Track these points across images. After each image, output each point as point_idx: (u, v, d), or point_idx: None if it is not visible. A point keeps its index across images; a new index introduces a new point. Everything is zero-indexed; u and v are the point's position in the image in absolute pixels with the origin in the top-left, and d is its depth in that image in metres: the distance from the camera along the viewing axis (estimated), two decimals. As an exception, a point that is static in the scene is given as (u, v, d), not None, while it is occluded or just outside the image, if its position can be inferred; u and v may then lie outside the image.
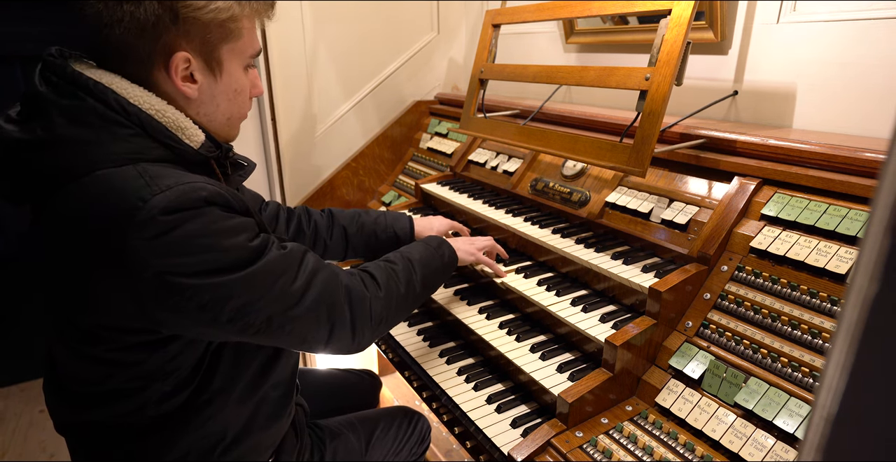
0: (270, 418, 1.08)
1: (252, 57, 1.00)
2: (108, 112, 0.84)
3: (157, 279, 0.80)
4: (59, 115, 0.83)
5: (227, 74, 0.97)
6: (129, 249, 0.78)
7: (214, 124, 1.00)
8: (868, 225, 0.26)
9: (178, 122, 0.91)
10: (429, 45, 2.57)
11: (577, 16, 1.54)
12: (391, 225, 1.53)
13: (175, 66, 0.89)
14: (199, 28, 0.89)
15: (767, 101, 1.47)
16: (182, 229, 0.80)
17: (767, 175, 1.21)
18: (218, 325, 0.87)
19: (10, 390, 2.96)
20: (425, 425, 1.54)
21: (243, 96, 1.02)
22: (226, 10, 0.90)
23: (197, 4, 0.87)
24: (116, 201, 0.79)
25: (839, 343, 0.28)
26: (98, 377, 0.92)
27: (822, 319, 1.00)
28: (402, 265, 1.18)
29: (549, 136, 1.54)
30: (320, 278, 0.97)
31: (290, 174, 2.38)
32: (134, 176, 0.81)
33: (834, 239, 1.06)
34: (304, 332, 0.95)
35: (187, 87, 0.92)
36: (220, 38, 0.92)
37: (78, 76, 0.85)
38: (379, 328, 1.08)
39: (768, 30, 1.44)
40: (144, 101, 0.88)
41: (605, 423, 1.11)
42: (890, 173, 0.25)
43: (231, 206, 0.88)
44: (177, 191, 0.81)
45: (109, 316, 0.85)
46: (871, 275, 0.26)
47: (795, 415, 0.94)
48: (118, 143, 0.84)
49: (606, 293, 1.38)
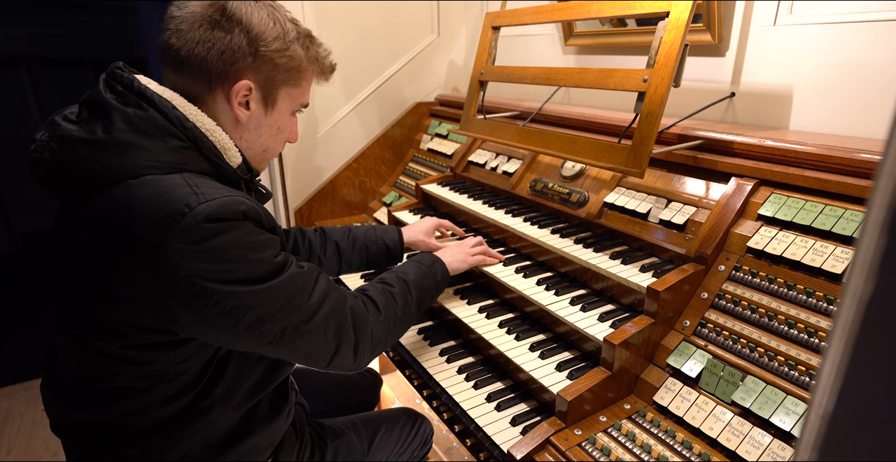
0: (268, 420, 1.10)
1: (301, 106, 1.12)
2: (166, 124, 0.91)
3: (187, 281, 0.84)
4: (121, 121, 0.89)
5: (278, 112, 1.07)
6: (167, 251, 0.82)
7: (251, 152, 1.08)
8: (864, 225, 0.26)
9: (223, 142, 0.99)
10: (429, 47, 2.58)
11: (576, 18, 1.55)
12: (381, 237, 1.59)
13: (237, 91, 0.99)
14: (270, 67, 1.00)
15: (764, 103, 1.48)
16: (220, 238, 0.85)
17: (764, 176, 1.22)
18: (236, 332, 0.90)
19: (13, 389, 2.96)
20: (428, 428, 1.55)
21: (282, 135, 1.12)
22: (297, 60, 1.03)
23: (275, 47, 0.99)
24: (163, 205, 0.84)
25: (835, 342, 0.29)
26: (106, 373, 0.93)
27: (819, 318, 1.01)
28: (399, 288, 1.23)
29: (549, 137, 1.55)
30: (331, 298, 1.02)
31: (292, 175, 2.39)
32: (181, 184, 0.87)
33: (830, 239, 1.07)
34: (311, 347, 0.99)
35: (241, 111, 1.01)
36: (283, 81, 1.04)
37: (144, 89, 0.92)
38: (377, 350, 1.13)
39: (765, 32, 1.45)
40: (199, 119, 0.96)
41: (604, 421, 1.13)
42: (885, 174, 0.25)
43: (262, 223, 0.94)
44: (220, 202, 0.86)
45: (132, 313, 0.88)
46: (867, 274, 0.26)
47: (792, 413, 0.95)
48: (170, 152, 0.91)
49: (605, 293, 1.39)
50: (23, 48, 2.56)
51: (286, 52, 1.01)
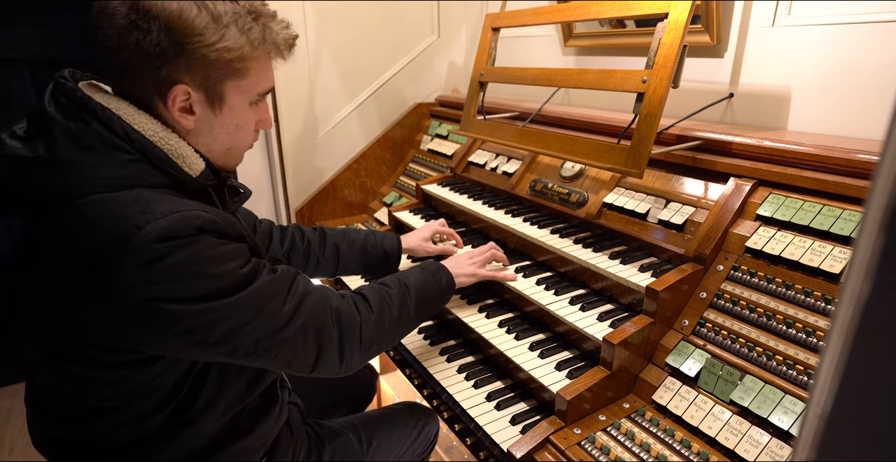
0: (257, 421, 1.08)
1: (260, 94, 0.98)
2: (111, 137, 0.85)
3: (145, 305, 0.80)
4: (62, 137, 0.83)
5: (229, 109, 0.95)
6: (120, 274, 0.79)
7: (213, 154, 0.99)
8: (862, 225, 0.27)
9: (179, 150, 0.90)
10: (429, 48, 2.58)
11: (575, 19, 1.55)
12: (380, 242, 1.57)
13: (173, 98, 0.89)
14: (204, 64, 0.88)
15: (763, 104, 1.49)
16: (175, 257, 0.80)
17: (763, 176, 1.23)
18: (205, 348, 0.87)
19: (16, 388, 2.95)
20: (434, 427, 1.52)
21: (246, 130, 1.01)
22: (234, 50, 0.89)
23: (204, 41, 0.85)
24: (110, 227, 0.80)
25: (833, 341, 0.29)
26: (76, 395, 0.91)
27: (817, 318, 1.02)
28: (398, 289, 1.19)
29: (548, 137, 1.56)
30: (309, 302, 0.98)
31: (292, 175, 2.39)
32: (129, 202, 0.82)
33: (828, 239, 1.08)
34: (290, 355, 0.95)
35: (183, 118, 0.92)
36: (225, 76, 0.91)
37: (87, 100, 0.85)
38: (369, 352, 1.08)
39: (763, 33, 1.46)
40: (148, 128, 0.88)
41: (603, 420, 1.13)
42: (883, 174, 0.25)
43: (224, 233, 0.88)
44: (171, 218, 0.81)
45: (95, 335, 0.85)
46: (865, 274, 0.26)
47: (790, 412, 0.96)
48: (117, 167, 0.84)
49: (604, 292, 1.39)
50: (27, 49, 2.56)
51: (219, 43, 0.86)
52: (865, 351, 0.28)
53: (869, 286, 0.26)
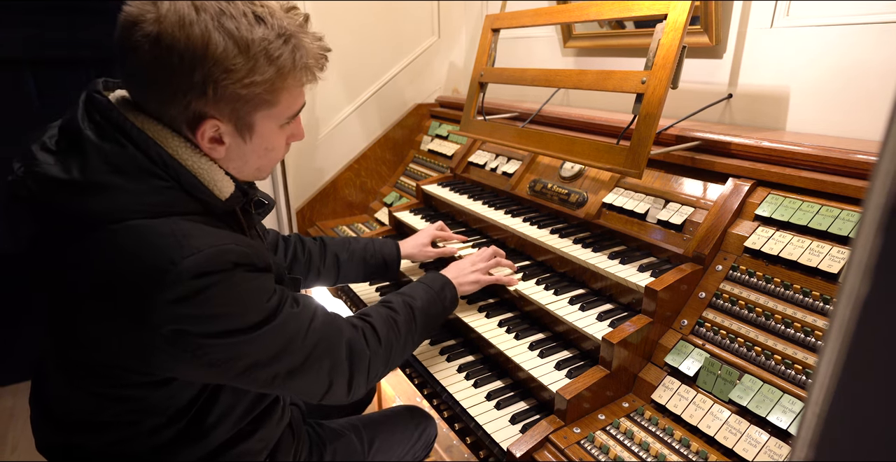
0: (259, 424, 1.09)
1: (290, 117, 0.96)
2: (147, 163, 0.83)
3: (172, 335, 0.81)
4: (98, 160, 0.81)
5: (259, 136, 0.93)
6: (151, 306, 0.78)
7: (243, 174, 0.99)
8: (860, 225, 0.27)
9: (211, 173, 0.90)
10: (430, 49, 2.59)
11: (575, 20, 1.56)
12: (379, 251, 1.59)
13: (202, 132, 0.87)
14: (233, 99, 0.85)
15: (761, 104, 1.49)
16: (208, 292, 0.81)
17: (761, 176, 1.23)
18: (225, 378, 0.90)
19: (18, 387, 2.95)
20: (433, 431, 1.53)
21: (277, 151, 0.99)
22: (265, 83, 0.85)
23: (232, 77, 0.82)
24: (146, 258, 0.79)
25: (832, 341, 0.29)
26: (91, 409, 0.91)
27: (815, 318, 1.02)
28: (404, 316, 1.19)
29: (548, 138, 1.56)
30: (326, 337, 0.99)
31: (293, 175, 2.40)
32: (165, 232, 0.81)
33: (826, 239, 1.08)
34: (303, 386, 0.98)
35: (213, 149, 0.90)
36: (254, 108, 0.89)
37: (123, 122, 0.83)
38: (373, 381, 1.10)
39: (762, 34, 1.47)
40: (182, 153, 0.87)
41: (603, 419, 1.14)
42: (881, 174, 0.25)
43: (255, 266, 0.88)
44: (207, 254, 0.81)
45: (117, 358, 0.85)
46: (863, 274, 0.27)
47: (789, 411, 0.96)
48: (152, 194, 0.83)
49: (604, 292, 1.40)
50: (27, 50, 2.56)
51: (247, 78, 0.83)
52: (864, 350, 0.28)
53: (867, 286, 0.26)
